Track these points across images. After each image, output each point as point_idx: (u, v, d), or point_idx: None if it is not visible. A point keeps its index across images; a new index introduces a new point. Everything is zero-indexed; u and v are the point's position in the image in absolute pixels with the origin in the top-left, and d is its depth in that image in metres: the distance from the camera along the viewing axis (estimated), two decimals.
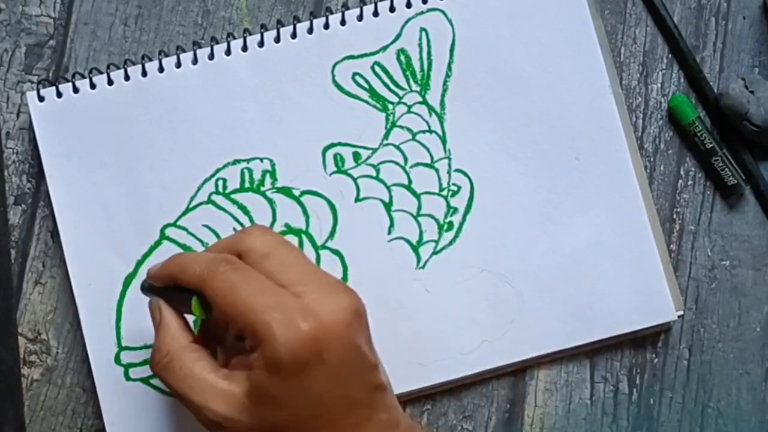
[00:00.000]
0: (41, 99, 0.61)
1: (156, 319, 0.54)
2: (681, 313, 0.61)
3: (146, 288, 0.56)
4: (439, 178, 0.61)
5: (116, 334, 0.60)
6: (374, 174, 0.61)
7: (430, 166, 0.61)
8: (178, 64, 0.61)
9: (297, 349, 0.48)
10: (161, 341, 0.52)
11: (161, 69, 0.61)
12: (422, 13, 0.62)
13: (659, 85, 0.63)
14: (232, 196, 0.61)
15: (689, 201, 0.63)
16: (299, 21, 0.62)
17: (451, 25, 0.62)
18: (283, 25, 0.62)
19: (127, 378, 0.60)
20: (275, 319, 0.48)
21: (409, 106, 0.61)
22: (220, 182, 0.61)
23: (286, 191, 0.61)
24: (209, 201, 0.61)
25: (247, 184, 0.61)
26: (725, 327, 0.62)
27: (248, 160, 0.61)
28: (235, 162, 0.61)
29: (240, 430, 0.50)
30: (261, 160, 0.61)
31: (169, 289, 0.54)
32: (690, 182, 0.63)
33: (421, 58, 0.62)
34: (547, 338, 0.60)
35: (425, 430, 0.55)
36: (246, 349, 0.52)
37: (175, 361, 0.51)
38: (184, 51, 0.62)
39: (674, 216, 0.62)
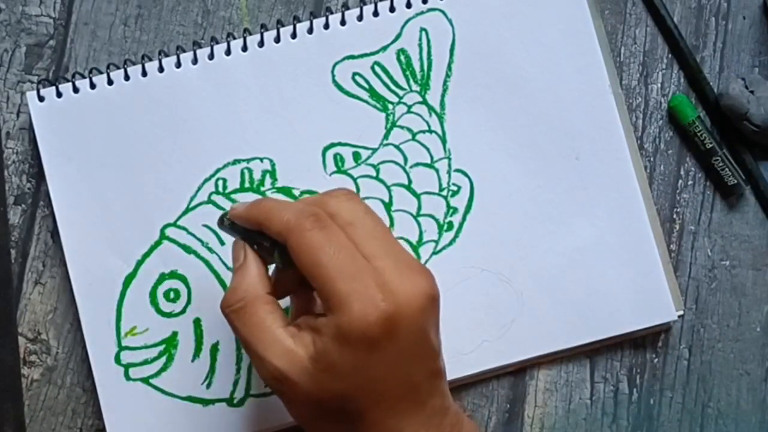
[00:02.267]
0: (41, 99, 0.61)
1: (238, 260, 0.52)
2: (681, 313, 0.61)
3: (226, 225, 0.54)
4: (439, 178, 0.61)
5: (116, 334, 0.60)
6: (374, 174, 0.61)
7: (430, 166, 0.61)
8: (178, 64, 0.61)
9: (371, 325, 0.48)
10: (238, 284, 0.51)
11: (161, 69, 0.61)
12: (422, 13, 0.62)
13: (659, 85, 0.63)
14: (232, 196, 0.61)
15: (689, 201, 0.63)
16: (299, 21, 0.62)
17: (451, 25, 0.62)
18: (283, 25, 0.62)
19: (127, 378, 0.60)
20: (355, 291, 0.48)
21: (409, 106, 0.61)
22: (220, 182, 0.61)
23: (286, 191, 0.61)
24: (209, 201, 0.61)
25: (247, 184, 0.61)
26: (725, 327, 0.62)
27: (248, 160, 0.61)
28: (235, 162, 0.61)
29: (296, 392, 0.49)
30: (261, 160, 0.61)
31: (252, 231, 0.52)
32: (690, 182, 0.63)
33: (421, 58, 0.62)
34: (547, 338, 0.60)
35: (469, 418, 0.54)
36: (314, 311, 0.52)
37: (249, 307, 0.50)
38: (184, 51, 0.62)
39: (674, 216, 0.62)
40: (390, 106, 0.61)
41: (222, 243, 0.60)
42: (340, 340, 0.48)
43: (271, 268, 0.53)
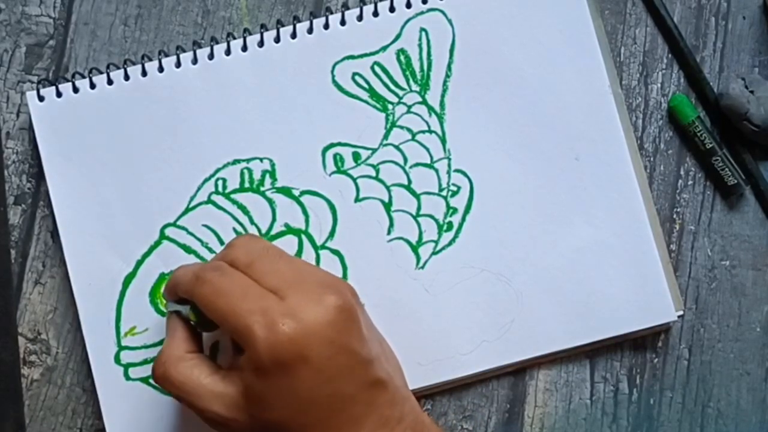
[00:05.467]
0: (41, 99, 0.61)
1: (168, 331, 0.56)
2: (681, 313, 0.61)
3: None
4: (439, 179, 0.61)
5: (116, 334, 0.60)
6: (374, 174, 0.61)
7: (429, 166, 0.61)
8: (178, 64, 0.61)
9: (277, 351, 0.50)
10: (160, 353, 0.54)
11: (161, 69, 0.61)
12: (422, 13, 0.62)
13: (659, 85, 0.63)
14: (232, 196, 0.61)
15: (689, 201, 0.63)
16: (299, 21, 0.62)
17: (451, 25, 0.62)
18: (283, 25, 0.62)
19: (127, 378, 0.60)
20: (256, 322, 0.50)
21: (409, 106, 0.61)
22: (220, 182, 0.61)
23: (286, 191, 0.61)
24: (209, 201, 0.61)
25: (246, 184, 0.61)
26: (725, 327, 0.62)
27: (248, 160, 0.61)
28: (235, 162, 0.61)
29: (241, 428, 0.52)
30: (261, 160, 0.61)
31: (179, 301, 0.55)
32: (690, 182, 0.63)
33: (420, 58, 0.62)
34: (547, 338, 0.60)
35: (434, 424, 0.55)
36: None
37: (170, 369, 0.53)
38: (184, 51, 0.62)
39: (674, 216, 0.62)
40: (390, 106, 0.61)
41: (222, 243, 0.60)
42: (257, 372, 0.50)
43: None
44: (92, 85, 0.61)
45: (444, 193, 0.61)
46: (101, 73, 0.61)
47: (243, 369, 0.51)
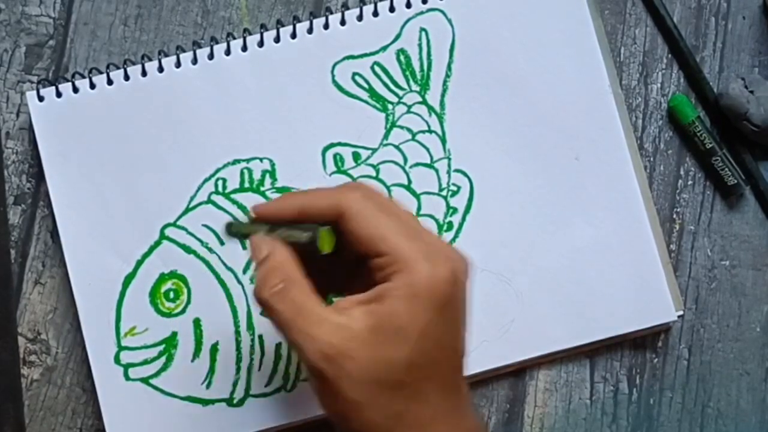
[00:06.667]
0: (41, 99, 0.61)
1: (261, 252, 0.50)
2: (681, 313, 0.61)
3: (237, 232, 0.53)
4: (439, 178, 0.61)
5: (116, 334, 0.60)
6: (374, 174, 0.61)
7: (429, 166, 0.61)
8: (178, 64, 0.61)
9: (441, 283, 0.48)
10: (272, 269, 0.49)
11: (161, 69, 0.61)
12: (422, 13, 0.62)
13: (659, 85, 0.63)
14: (232, 195, 0.61)
15: (689, 201, 0.63)
16: (299, 21, 0.62)
17: (451, 25, 0.62)
18: (283, 25, 0.62)
19: (127, 378, 0.60)
20: (421, 250, 0.48)
21: (409, 106, 0.61)
22: (220, 182, 0.61)
23: (286, 191, 0.61)
24: (209, 201, 0.61)
25: (246, 184, 0.61)
26: (725, 327, 0.62)
27: (248, 160, 0.61)
28: (235, 162, 0.61)
29: (352, 368, 0.47)
30: (261, 160, 0.61)
31: (279, 226, 0.51)
32: (690, 182, 0.63)
33: (420, 58, 0.62)
34: (547, 338, 0.60)
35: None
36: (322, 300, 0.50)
37: (290, 288, 0.48)
38: (184, 51, 0.62)
39: (674, 216, 0.62)
40: (390, 106, 0.61)
41: (222, 243, 0.60)
42: (412, 299, 0.47)
43: None
44: (92, 85, 0.61)
45: (444, 193, 0.61)
46: (101, 73, 0.61)
47: (387, 297, 0.48)
